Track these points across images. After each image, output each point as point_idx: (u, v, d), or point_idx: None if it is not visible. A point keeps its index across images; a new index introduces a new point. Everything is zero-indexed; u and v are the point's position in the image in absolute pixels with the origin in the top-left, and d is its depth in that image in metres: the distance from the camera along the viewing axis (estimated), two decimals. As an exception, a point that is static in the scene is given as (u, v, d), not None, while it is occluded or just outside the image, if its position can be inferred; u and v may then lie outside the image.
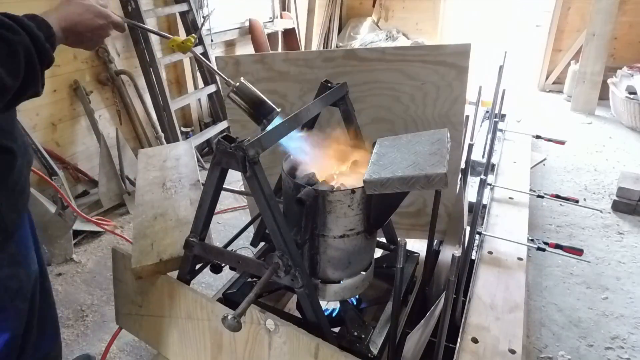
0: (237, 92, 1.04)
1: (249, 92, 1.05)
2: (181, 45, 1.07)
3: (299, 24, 5.51)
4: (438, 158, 0.98)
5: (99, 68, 3.05)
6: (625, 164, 3.79)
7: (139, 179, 1.67)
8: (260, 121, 1.05)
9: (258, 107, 1.05)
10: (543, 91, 5.98)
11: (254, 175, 0.91)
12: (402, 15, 6.60)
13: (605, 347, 1.94)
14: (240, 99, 1.05)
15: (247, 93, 1.05)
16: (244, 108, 1.05)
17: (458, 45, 1.45)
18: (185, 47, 1.07)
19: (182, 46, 1.07)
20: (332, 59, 1.55)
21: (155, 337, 1.32)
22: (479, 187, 1.44)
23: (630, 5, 5.13)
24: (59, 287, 2.35)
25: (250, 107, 1.05)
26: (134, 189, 2.50)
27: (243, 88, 1.04)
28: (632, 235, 2.75)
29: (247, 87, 1.05)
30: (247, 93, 1.05)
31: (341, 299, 1.24)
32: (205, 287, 2.32)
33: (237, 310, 0.86)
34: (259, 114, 1.05)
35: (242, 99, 1.05)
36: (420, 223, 1.81)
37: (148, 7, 3.29)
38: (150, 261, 1.21)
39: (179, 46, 1.07)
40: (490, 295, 1.49)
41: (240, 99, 1.05)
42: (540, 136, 2.92)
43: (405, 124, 1.63)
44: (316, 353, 0.99)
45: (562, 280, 2.35)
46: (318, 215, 1.08)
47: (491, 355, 1.25)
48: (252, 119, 1.06)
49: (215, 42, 4.12)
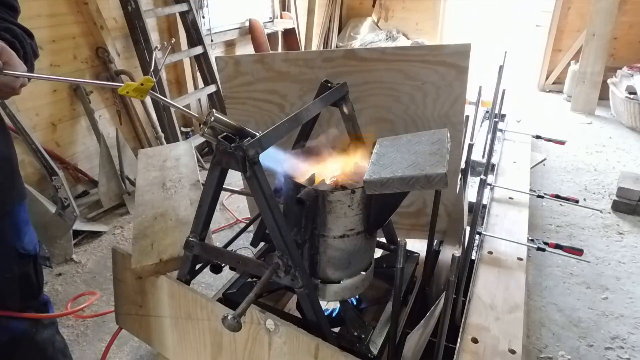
0: (215, 126, 0.92)
1: (225, 123, 0.94)
2: (139, 88, 0.87)
3: (299, 24, 5.51)
4: (438, 158, 0.98)
5: (99, 68, 3.05)
6: (625, 164, 3.79)
7: (139, 179, 1.67)
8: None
9: (238, 135, 0.95)
10: (543, 91, 5.98)
11: (254, 175, 0.91)
12: (402, 15, 6.60)
13: (605, 347, 1.94)
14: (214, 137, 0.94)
15: (224, 124, 0.94)
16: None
17: (458, 45, 1.45)
18: (144, 90, 0.88)
19: (139, 89, 0.87)
20: (332, 59, 1.55)
21: (155, 337, 1.32)
22: (479, 187, 1.44)
23: (630, 5, 5.13)
24: (59, 287, 2.35)
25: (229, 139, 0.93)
26: (134, 189, 2.50)
27: (219, 119, 0.93)
28: (632, 235, 2.75)
29: (222, 118, 0.94)
30: (224, 124, 0.94)
31: (341, 299, 1.24)
32: (205, 287, 2.32)
33: (237, 311, 0.86)
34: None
35: (221, 130, 0.94)
36: (420, 223, 1.81)
37: (148, 7, 3.29)
38: (150, 261, 1.21)
39: (136, 90, 0.87)
40: (490, 295, 1.49)
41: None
42: (540, 136, 2.92)
43: (405, 124, 1.63)
44: (316, 353, 0.99)
45: (562, 280, 2.35)
46: (318, 215, 1.08)
47: (491, 355, 1.25)
48: None
49: (215, 42, 4.12)
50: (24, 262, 1.28)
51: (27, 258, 1.29)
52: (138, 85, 0.86)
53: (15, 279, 1.27)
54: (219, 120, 0.91)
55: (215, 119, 0.91)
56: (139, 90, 0.87)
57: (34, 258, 1.31)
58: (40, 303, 1.37)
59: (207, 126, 0.90)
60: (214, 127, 0.91)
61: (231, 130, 0.94)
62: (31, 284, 1.32)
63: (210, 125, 0.90)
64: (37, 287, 1.34)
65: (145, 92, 0.88)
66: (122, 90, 0.86)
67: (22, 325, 1.31)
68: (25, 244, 1.27)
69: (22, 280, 1.29)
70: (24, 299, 1.30)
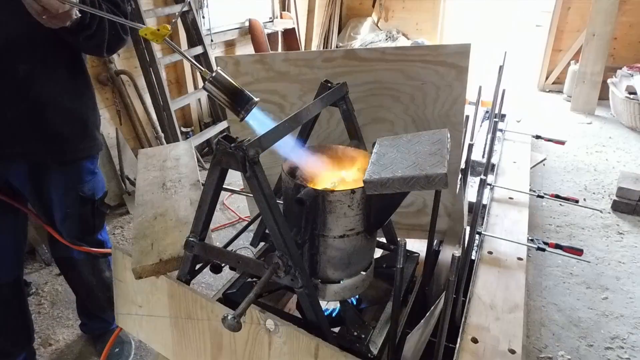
0: (214, 82, 1.00)
1: (226, 82, 1.00)
2: (155, 33, 0.98)
3: (299, 24, 5.51)
4: (438, 158, 0.98)
5: (99, 68, 3.05)
6: (625, 164, 3.79)
7: (139, 179, 1.66)
8: (238, 112, 1.02)
9: (235, 97, 1.01)
10: (543, 91, 5.98)
11: (254, 175, 0.91)
12: (402, 16, 6.60)
13: (605, 347, 1.94)
14: (217, 89, 1.00)
15: (224, 83, 1.00)
16: (221, 99, 1.02)
17: (458, 45, 1.45)
18: (160, 35, 0.99)
19: (156, 34, 0.98)
20: (332, 59, 1.55)
21: (155, 337, 1.32)
22: (479, 187, 1.44)
23: (630, 5, 5.14)
24: (59, 287, 2.35)
25: (228, 97, 1.01)
26: (134, 189, 2.50)
27: (220, 78, 1.00)
28: (632, 235, 2.76)
29: (224, 76, 1.00)
30: (224, 83, 1.00)
31: (341, 299, 1.24)
32: (205, 287, 2.32)
33: (237, 311, 0.86)
34: (237, 104, 1.01)
35: (219, 89, 1.00)
36: (420, 223, 1.81)
37: (148, 7, 3.29)
38: (150, 261, 1.21)
39: (153, 34, 0.98)
40: (490, 295, 1.49)
41: (217, 89, 1.00)
42: (540, 136, 2.92)
43: (405, 124, 1.63)
44: (316, 353, 0.99)
45: (562, 280, 2.35)
46: (318, 215, 1.07)
47: (491, 355, 1.25)
48: (231, 109, 1.03)
49: (215, 42, 4.12)
50: (83, 203, 1.57)
51: (86, 201, 1.58)
52: (155, 30, 0.98)
53: (76, 215, 1.58)
54: (219, 77, 0.99)
55: (217, 74, 0.99)
56: (156, 34, 0.98)
57: (93, 203, 1.60)
58: (95, 241, 1.69)
59: (207, 80, 0.99)
60: (214, 82, 0.99)
61: (230, 88, 1.00)
62: (87, 223, 1.63)
63: (209, 79, 0.98)
64: (93, 226, 1.65)
65: (160, 37, 0.98)
66: (142, 31, 0.98)
67: (81, 254, 1.68)
68: (85, 190, 1.56)
69: (81, 218, 1.60)
70: (81, 233, 1.62)
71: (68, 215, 1.57)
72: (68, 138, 1.45)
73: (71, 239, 1.60)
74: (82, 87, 1.49)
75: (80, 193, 1.55)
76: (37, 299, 2.28)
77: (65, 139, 1.45)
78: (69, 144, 1.46)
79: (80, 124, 1.48)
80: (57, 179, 1.50)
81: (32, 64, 1.30)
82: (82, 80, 1.49)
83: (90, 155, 1.56)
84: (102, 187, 1.66)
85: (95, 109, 1.55)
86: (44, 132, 1.39)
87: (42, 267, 2.51)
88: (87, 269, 1.75)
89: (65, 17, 1.11)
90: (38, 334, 2.02)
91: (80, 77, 1.48)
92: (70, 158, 1.49)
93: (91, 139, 1.53)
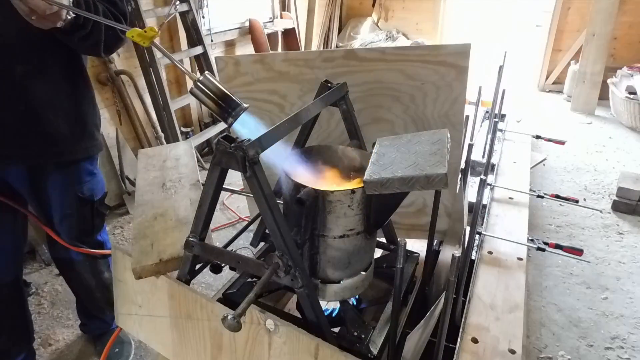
0: (200, 87, 0.97)
1: (213, 87, 0.97)
2: (143, 35, 0.96)
3: (299, 24, 5.51)
4: (438, 158, 0.98)
5: (98, 68, 3.05)
6: (625, 164, 3.79)
7: (138, 179, 1.66)
8: (226, 118, 0.99)
9: (223, 102, 0.98)
10: (543, 91, 5.98)
11: (254, 175, 0.91)
12: (402, 15, 6.60)
13: (605, 347, 1.94)
14: (203, 94, 0.97)
15: (211, 87, 0.97)
16: (208, 104, 0.99)
17: (458, 45, 1.45)
18: (147, 37, 0.97)
19: (143, 36, 0.96)
20: (332, 59, 1.55)
21: (155, 337, 1.32)
22: (479, 187, 1.44)
23: (630, 5, 5.14)
24: (59, 287, 2.35)
25: (214, 103, 0.98)
26: (134, 189, 2.50)
27: (206, 82, 0.97)
28: (632, 235, 2.76)
29: (211, 81, 0.98)
30: (211, 87, 0.97)
31: (341, 299, 1.24)
32: (205, 287, 2.32)
33: (237, 311, 0.86)
34: (223, 110, 0.98)
35: (205, 93, 0.97)
36: (420, 223, 1.81)
37: (148, 7, 3.29)
38: (150, 261, 1.21)
39: (140, 36, 0.96)
40: (490, 295, 1.49)
41: (203, 94, 0.97)
42: (540, 136, 2.92)
43: (405, 124, 1.63)
44: (316, 353, 0.99)
45: (562, 280, 2.35)
46: (318, 215, 1.07)
47: (491, 355, 1.25)
48: (217, 115, 1.00)
49: (215, 42, 4.12)
50: (82, 204, 1.56)
51: (85, 202, 1.57)
52: (142, 32, 0.96)
53: (74, 216, 1.57)
54: (206, 81, 0.97)
55: (204, 78, 0.96)
56: (143, 36, 0.96)
57: (92, 203, 1.59)
58: (94, 242, 1.68)
59: (194, 84, 0.97)
60: (201, 86, 0.96)
61: (217, 93, 0.98)
62: (87, 224, 1.62)
63: (196, 82, 0.96)
64: (92, 227, 1.64)
65: (147, 39, 0.97)
66: (129, 33, 0.96)
67: (80, 255, 1.67)
68: (84, 190, 1.56)
69: (79, 219, 1.59)
70: (80, 234, 1.62)
71: (67, 216, 1.56)
72: (66, 139, 1.45)
73: (70, 240, 1.59)
74: (80, 88, 1.48)
75: (79, 194, 1.54)
76: (37, 299, 2.28)
77: (63, 140, 1.44)
78: (67, 144, 1.46)
79: (79, 124, 1.47)
80: (55, 180, 1.50)
81: (29, 65, 1.30)
82: (80, 80, 1.48)
83: (89, 155, 1.55)
84: (102, 188, 1.65)
85: (94, 109, 1.55)
86: (42, 133, 1.39)
87: (42, 267, 2.51)
88: (86, 270, 1.74)
89: (54, 18, 1.11)
90: (38, 334, 2.02)
91: (79, 77, 1.47)
92: (68, 159, 1.48)
93: (90, 140, 1.52)
